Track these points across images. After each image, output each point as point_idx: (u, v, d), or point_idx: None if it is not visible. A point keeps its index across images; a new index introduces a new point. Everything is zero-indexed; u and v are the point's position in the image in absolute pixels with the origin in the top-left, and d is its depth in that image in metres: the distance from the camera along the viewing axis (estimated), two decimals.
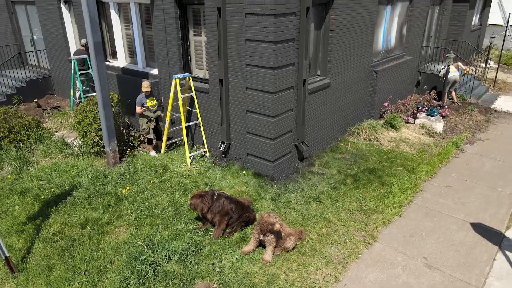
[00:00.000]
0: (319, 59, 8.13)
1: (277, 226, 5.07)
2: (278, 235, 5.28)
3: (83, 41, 10.36)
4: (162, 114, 8.13)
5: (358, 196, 6.89)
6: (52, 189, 6.75)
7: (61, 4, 10.78)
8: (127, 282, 4.76)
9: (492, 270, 5.39)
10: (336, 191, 6.98)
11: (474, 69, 15.03)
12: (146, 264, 4.94)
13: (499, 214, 6.59)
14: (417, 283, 5.08)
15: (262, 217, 5.20)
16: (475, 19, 19.04)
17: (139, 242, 5.32)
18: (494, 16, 31.65)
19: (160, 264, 5.04)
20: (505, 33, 18.04)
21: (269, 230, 5.11)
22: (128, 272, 4.86)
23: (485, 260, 5.55)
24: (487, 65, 15.23)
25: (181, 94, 7.68)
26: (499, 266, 5.46)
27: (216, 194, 5.81)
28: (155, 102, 7.78)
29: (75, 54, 10.24)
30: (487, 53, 15.28)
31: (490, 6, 20.08)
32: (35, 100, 11.54)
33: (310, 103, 7.67)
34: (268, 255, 5.23)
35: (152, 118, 7.88)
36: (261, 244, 5.40)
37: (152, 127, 7.91)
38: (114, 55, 10.23)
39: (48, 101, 12.07)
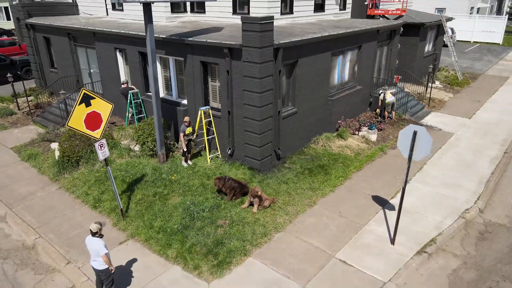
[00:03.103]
0: (290, 96, 12.90)
1: (259, 193, 9.85)
2: (260, 198, 10.04)
3: (123, 80, 15.07)
4: (193, 137, 12.56)
5: (310, 181, 11.65)
6: (131, 176, 11.54)
7: (116, 51, 15.55)
8: (184, 220, 9.54)
9: (374, 217, 10.15)
10: (297, 178, 11.75)
11: (416, 90, 19.84)
12: (192, 212, 9.72)
13: (390, 191, 11.34)
14: (332, 224, 9.84)
15: (252, 188, 9.97)
16: (429, 47, 23.80)
17: (188, 202, 10.11)
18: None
19: (199, 212, 9.81)
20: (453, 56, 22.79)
21: (255, 195, 9.87)
22: (184, 216, 9.65)
23: (372, 213, 10.31)
24: (428, 86, 19.91)
25: (204, 119, 12.44)
26: (378, 216, 10.22)
27: (226, 178, 10.57)
28: (191, 130, 12.32)
29: (122, 90, 14.86)
30: (427, 77, 19.90)
31: (443, 34, 24.76)
32: None
33: (284, 124, 12.44)
34: (255, 208, 9.99)
35: (187, 140, 12.33)
36: (251, 204, 10.15)
37: (186, 144, 12.35)
38: None
39: None
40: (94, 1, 20.28)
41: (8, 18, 43.28)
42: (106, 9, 19.60)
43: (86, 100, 8.50)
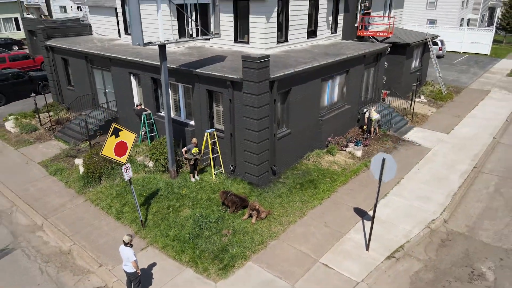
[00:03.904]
0: (284, 119, 14.78)
1: (257, 206, 11.74)
2: (258, 211, 11.92)
3: (138, 102, 16.95)
4: (199, 157, 14.38)
5: (301, 194, 13.53)
6: (147, 191, 13.44)
7: (130, 75, 17.41)
8: (194, 230, 11.44)
9: (354, 227, 12.03)
10: (290, 192, 13.63)
11: (401, 105, 21.69)
12: (201, 223, 11.62)
13: (370, 203, 13.21)
14: (318, 232, 11.72)
15: (251, 202, 11.86)
16: (415, 63, 25.68)
17: (197, 214, 12.00)
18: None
19: (207, 223, 11.71)
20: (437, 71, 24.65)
21: (254, 208, 11.76)
22: (194, 226, 11.54)
23: (352, 223, 12.19)
24: (413, 102, 21.75)
25: (210, 139, 14.31)
26: (357, 226, 12.10)
27: (229, 193, 12.45)
28: (197, 150, 14.17)
29: (137, 111, 16.74)
30: (411, 94, 21.73)
31: (429, 51, 26.59)
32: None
33: (279, 144, 14.31)
34: (253, 220, 11.88)
35: (193, 159, 14.19)
36: (250, 215, 12.04)
37: (192, 163, 14.22)
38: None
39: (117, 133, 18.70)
40: (107, 24, 22.16)
41: (18, 28, 45.17)
42: (119, 31, 21.48)
43: (116, 132, 10.39)
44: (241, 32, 16.99)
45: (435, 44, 36.43)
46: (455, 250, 11.19)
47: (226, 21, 16.91)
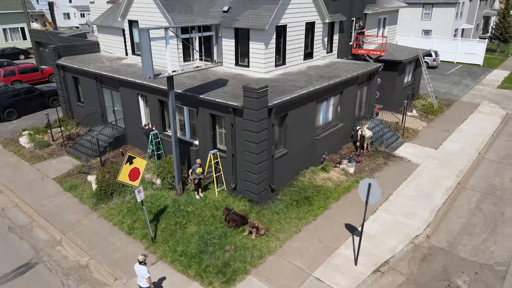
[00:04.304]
0: (281, 140, 15.99)
1: (256, 224, 12.96)
2: (257, 228, 13.14)
3: (145, 122, 18.18)
4: (202, 177, 15.59)
5: (297, 211, 14.74)
6: (156, 208, 14.66)
7: (138, 96, 18.63)
8: (200, 246, 12.66)
9: (345, 242, 13.24)
10: (287, 208, 14.85)
11: (394, 119, 22.88)
12: (206, 239, 12.85)
13: (360, 219, 14.41)
14: (312, 248, 12.92)
15: (250, 220, 13.09)
16: (408, 78, 26.89)
17: (202, 231, 13.23)
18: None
19: (211, 239, 12.93)
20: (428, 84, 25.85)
21: (253, 226, 12.99)
22: (199, 242, 12.77)
23: (343, 238, 13.41)
24: (406, 115, 22.94)
25: (213, 160, 15.52)
26: (348, 241, 13.32)
27: (231, 211, 13.68)
28: (201, 170, 15.39)
29: (145, 130, 17.96)
30: (403, 109, 22.92)
31: (421, 66, 27.77)
32: (121, 150, 19.45)
33: (276, 164, 15.52)
34: (253, 236, 13.10)
35: (197, 178, 15.42)
36: (250, 232, 13.26)
37: (196, 182, 15.43)
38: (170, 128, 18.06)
39: (125, 149, 19.94)
40: (114, 43, 23.37)
41: (24, 38, 46.38)
42: (126, 50, 22.68)
43: (130, 160, 11.63)
44: (242, 56, 18.20)
45: (429, 55, 37.70)
46: (435, 265, 12.40)
47: (227, 45, 18.13)
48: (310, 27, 19.55)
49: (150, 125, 18.01)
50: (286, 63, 18.78)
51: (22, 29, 45.94)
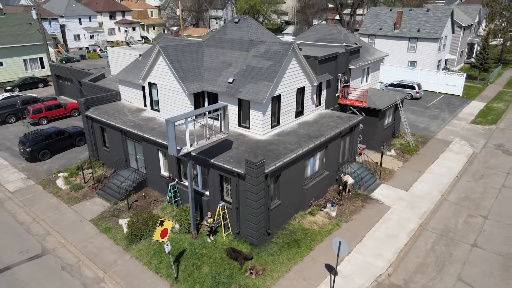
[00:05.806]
0: (276, 194, 19.92)
1: (255, 266, 16.92)
2: (256, 269, 17.10)
3: (167, 174, 22.10)
4: (213, 224, 19.54)
5: (288, 253, 18.67)
6: (176, 250, 18.60)
7: (158, 151, 22.55)
8: (212, 284, 16.61)
9: (324, 280, 17.16)
10: (280, 251, 18.78)
11: (373, 158, 26.78)
12: (217, 279, 16.81)
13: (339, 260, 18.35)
14: (298, 285, 16.85)
15: (250, 263, 17.05)
16: (388, 120, 30.80)
17: (214, 272, 17.19)
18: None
19: (221, 279, 16.89)
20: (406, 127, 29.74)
21: (253, 268, 16.95)
22: (212, 282, 16.73)
23: (324, 277, 17.30)
24: (382, 159, 26.84)
25: (221, 210, 19.46)
26: (327, 279, 17.22)
27: (232, 249, 17.61)
28: (211, 220, 19.33)
29: (166, 181, 21.87)
30: (381, 153, 26.79)
31: (399, 110, 31.64)
32: (143, 194, 23.40)
33: (272, 213, 19.45)
34: (253, 276, 17.05)
35: (209, 226, 19.39)
36: (251, 272, 17.20)
37: (209, 229, 19.41)
38: (185, 178, 22.00)
39: (146, 192, 23.87)
40: (134, 95, 27.29)
41: (42, 67, 50.27)
42: (145, 102, 26.59)
43: (161, 223, 15.57)
44: (244, 119, 22.13)
45: (413, 88, 41.67)
46: None
47: (232, 109, 22.06)
48: (301, 91, 23.48)
49: (170, 176, 21.96)
50: (280, 123, 22.70)
51: (41, 59, 49.82)
